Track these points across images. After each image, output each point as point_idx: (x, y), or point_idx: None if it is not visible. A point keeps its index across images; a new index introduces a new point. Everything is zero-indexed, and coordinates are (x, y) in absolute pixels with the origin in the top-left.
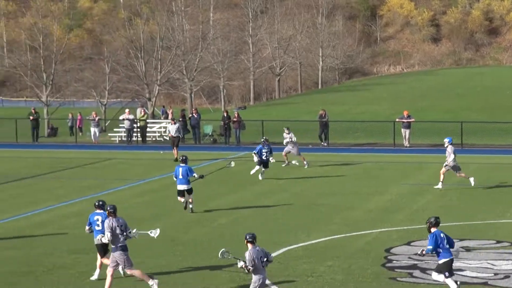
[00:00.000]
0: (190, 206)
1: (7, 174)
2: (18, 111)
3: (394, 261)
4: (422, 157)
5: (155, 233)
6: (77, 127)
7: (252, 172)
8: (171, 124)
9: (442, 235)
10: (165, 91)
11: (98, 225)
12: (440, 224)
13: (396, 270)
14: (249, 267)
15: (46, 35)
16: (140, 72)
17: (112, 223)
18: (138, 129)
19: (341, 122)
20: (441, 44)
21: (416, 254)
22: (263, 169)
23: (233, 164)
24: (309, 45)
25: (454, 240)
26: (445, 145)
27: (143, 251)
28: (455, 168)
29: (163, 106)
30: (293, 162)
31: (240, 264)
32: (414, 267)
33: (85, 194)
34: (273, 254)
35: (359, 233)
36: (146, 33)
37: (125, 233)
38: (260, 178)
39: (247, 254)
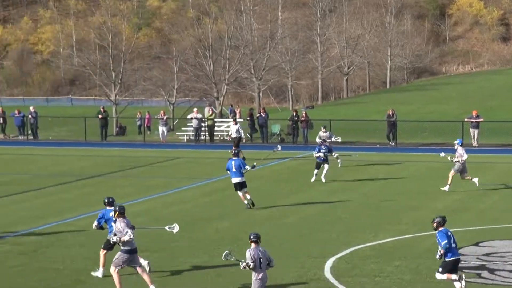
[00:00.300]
0: (248, 197)
1: (76, 172)
2: (87, 109)
3: (462, 262)
4: (491, 157)
5: (172, 228)
6: (145, 126)
7: (324, 172)
8: (233, 124)
9: (449, 233)
10: (233, 90)
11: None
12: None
13: (464, 270)
14: (250, 263)
15: (115, 34)
16: (208, 71)
17: (127, 222)
18: (206, 128)
19: (409, 122)
20: (511, 44)
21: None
22: (324, 169)
23: (279, 147)
24: (377, 44)
25: None
26: (455, 147)
27: (211, 249)
28: (463, 171)
29: (231, 105)
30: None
31: (242, 265)
32: (483, 267)
33: (153, 192)
34: (341, 254)
35: (427, 233)
36: (214, 32)
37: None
38: (322, 179)
39: (247, 253)
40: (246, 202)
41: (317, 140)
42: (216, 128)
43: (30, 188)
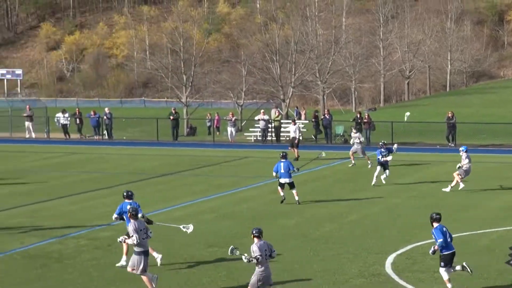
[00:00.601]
0: (296, 198)
1: (149, 171)
2: (159, 111)
3: None
4: None
5: (187, 228)
6: (214, 126)
7: (375, 174)
8: (292, 125)
9: (444, 229)
10: (299, 92)
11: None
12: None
13: None
14: (258, 256)
15: (186, 39)
16: (275, 74)
17: (136, 226)
18: (273, 129)
19: (468, 124)
20: None
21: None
22: (383, 170)
23: (324, 154)
24: (437, 49)
25: None
26: (461, 153)
27: (278, 245)
28: (467, 173)
29: (297, 107)
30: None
31: (247, 258)
32: None
33: (221, 190)
34: (401, 250)
35: (484, 231)
36: (281, 37)
37: (145, 235)
38: (382, 181)
39: (253, 246)
40: (282, 194)
41: (351, 141)
42: (282, 129)
43: (104, 186)
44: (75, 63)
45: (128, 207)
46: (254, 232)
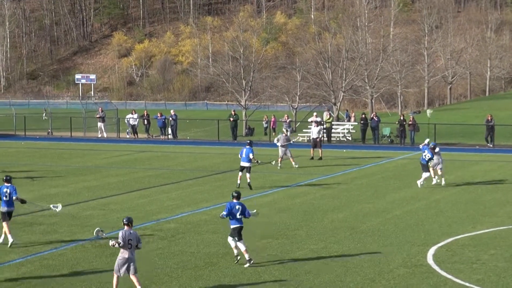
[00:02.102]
0: (248, 180)
1: (210, 168)
2: (220, 113)
3: None
4: None
5: (56, 207)
6: (271, 127)
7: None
8: (314, 126)
9: (237, 206)
10: (349, 96)
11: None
12: (240, 198)
13: None
14: (120, 241)
15: (246, 47)
16: (327, 80)
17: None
18: (324, 130)
19: (506, 126)
20: None
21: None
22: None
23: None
24: (478, 57)
25: None
26: (436, 150)
27: (328, 237)
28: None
29: (347, 110)
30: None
31: (111, 242)
32: None
33: (277, 185)
34: (442, 243)
35: None
36: (333, 46)
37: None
38: (420, 183)
39: (119, 233)
40: (239, 182)
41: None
42: (333, 130)
43: (170, 181)
44: (144, 69)
45: (5, 190)
46: (124, 220)
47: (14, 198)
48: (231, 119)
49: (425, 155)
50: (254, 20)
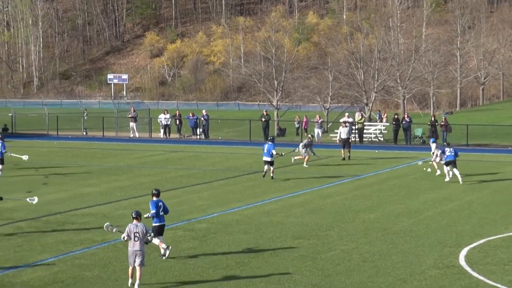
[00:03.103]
0: (271, 174)
1: (242, 168)
2: (252, 113)
3: None
4: None
5: (33, 200)
6: (302, 128)
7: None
8: (342, 126)
9: (160, 204)
10: (381, 97)
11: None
12: (160, 195)
13: None
14: (125, 236)
15: (278, 47)
16: (359, 80)
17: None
18: (356, 131)
19: None
20: None
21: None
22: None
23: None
24: (511, 58)
25: None
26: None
27: (359, 238)
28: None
29: (379, 111)
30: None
31: (122, 235)
32: None
33: (309, 186)
34: (474, 244)
35: None
36: (365, 46)
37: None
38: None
39: (126, 227)
40: (265, 171)
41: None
42: (365, 131)
43: (201, 181)
44: (176, 69)
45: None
46: (132, 214)
47: None
48: (263, 119)
49: (450, 152)
50: (286, 20)
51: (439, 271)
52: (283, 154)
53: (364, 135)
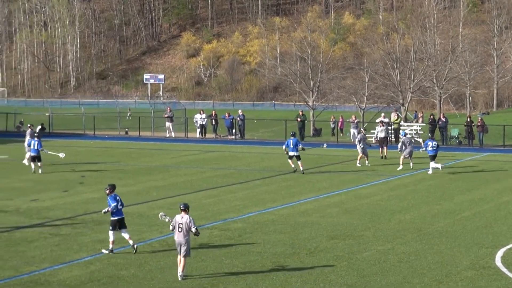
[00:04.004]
0: (301, 168)
1: (277, 168)
2: (287, 113)
3: None
4: None
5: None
6: (338, 128)
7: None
8: (380, 126)
9: (118, 198)
10: (417, 97)
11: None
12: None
13: None
14: (170, 226)
15: (314, 48)
16: (395, 80)
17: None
18: (392, 131)
19: None
20: None
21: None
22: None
23: (325, 145)
24: None
25: None
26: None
27: (395, 238)
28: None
29: (415, 111)
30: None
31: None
32: None
33: (345, 187)
34: (511, 245)
35: None
36: (401, 46)
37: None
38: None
39: (174, 217)
40: (293, 166)
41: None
42: (401, 131)
43: (237, 181)
44: (212, 69)
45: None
46: (180, 206)
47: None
48: (299, 119)
49: (433, 146)
50: (322, 21)
51: (475, 272)
52: (304, 148)
53: (400, 136)
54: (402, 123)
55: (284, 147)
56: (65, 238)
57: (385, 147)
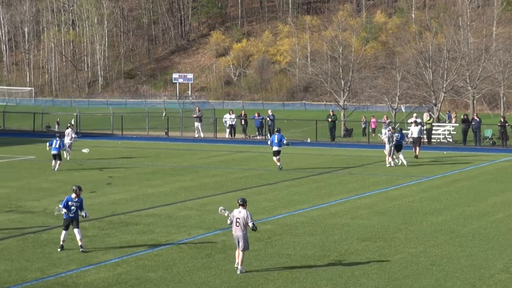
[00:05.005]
0: (278, 164)
1: (308, 169)
2: (318, 113)
3: None
4: None
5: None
6: (370, 128)
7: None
8: (414, 125)
9: (75, 200)
10: (450, 97)
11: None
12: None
13: None
14: (228, 220)
15: (345, 46)
16: (428, 80)
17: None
18: (425, 132)
19: None
20: None
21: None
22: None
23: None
24: None
25: None
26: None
27: (427, 240)
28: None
29: (448, 111)
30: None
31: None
32: None
33: (375, 188)
34: None
35: None
36: (434, 45)
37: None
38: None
39: (232, 212)
40: (278, 164)
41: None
42: (433, 132)
43: (266, 182)
44: (242, 68)
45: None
46: (238, 201)
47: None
48: (330, 119)
49: (397, 137)
50: (353, 19)
51: (509, 276)
52: (289, 144)
53: (432, 136)
54: (434, 123)
55: (269, 142)
56: (92, 240)
57: (418, 147)
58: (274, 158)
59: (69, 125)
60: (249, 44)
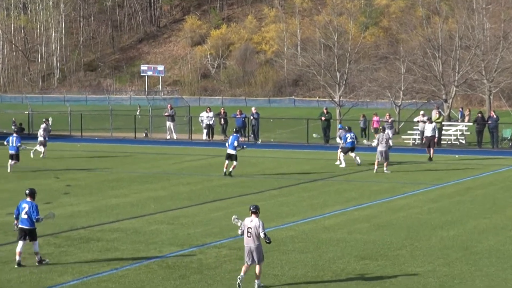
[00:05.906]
0: (230, 169)
1: (298, 176)
2: (310, 111)
3: None
4: None
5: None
6: (371, 128)
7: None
8: (428, 123)
9: (24, 205)
10: (462, 92)
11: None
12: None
13: None
14: (239, 230)
15: (341, 34)
16: (437, 72)
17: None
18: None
19: None
20: None
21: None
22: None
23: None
24: None
25: None
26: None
27: (436, 258)
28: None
29: (461, 108)
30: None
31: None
32: None
33: (376, 198)
34: None
35: None
36: (444, 32)
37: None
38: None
39: (243, 220)
40: (224, 170)
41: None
42: (443, 132)
43: (250, 191)
44: (221, 59)
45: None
46: (250, 208)
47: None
48: (323, 118)
49: (351, 138)
50: (350, 2)
51: None
52: (245, 147)
53: (442, 137)
54: (445, 122)
55: (227, 144)
56: (47, 258)
57: (432, 148)
58: (226, 162)
59: (44, 120)
60: (229, 31)
